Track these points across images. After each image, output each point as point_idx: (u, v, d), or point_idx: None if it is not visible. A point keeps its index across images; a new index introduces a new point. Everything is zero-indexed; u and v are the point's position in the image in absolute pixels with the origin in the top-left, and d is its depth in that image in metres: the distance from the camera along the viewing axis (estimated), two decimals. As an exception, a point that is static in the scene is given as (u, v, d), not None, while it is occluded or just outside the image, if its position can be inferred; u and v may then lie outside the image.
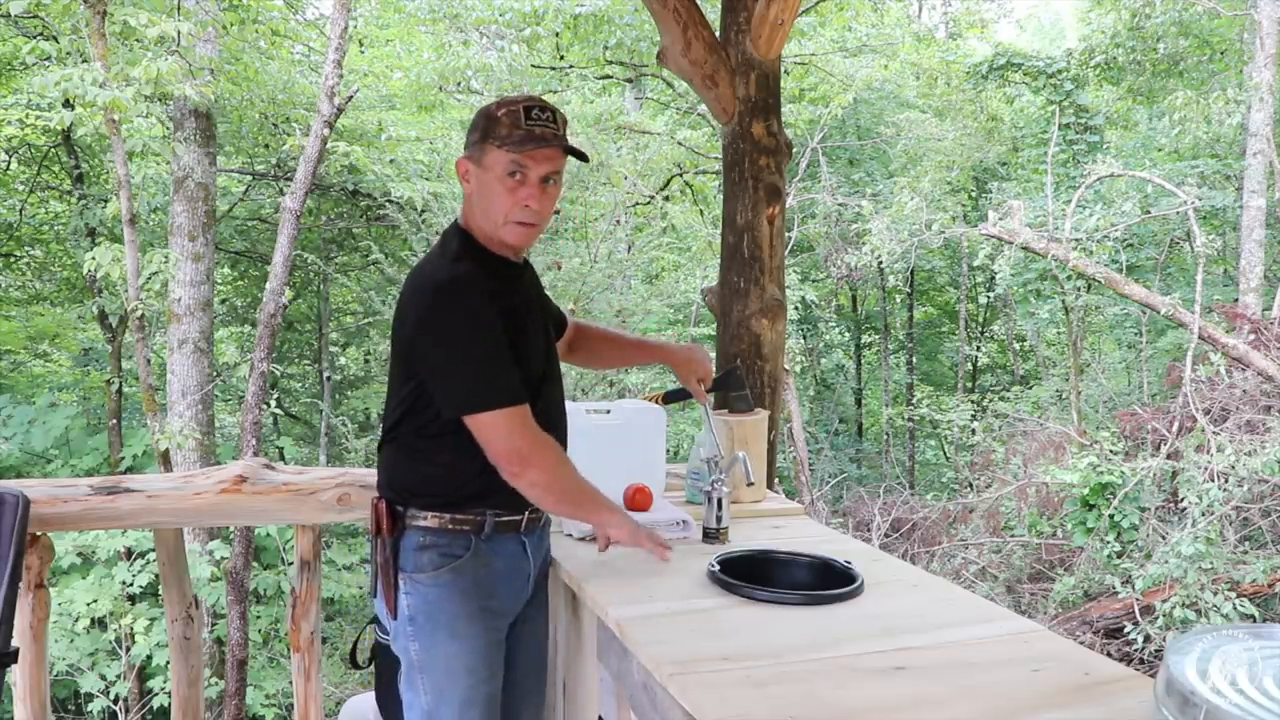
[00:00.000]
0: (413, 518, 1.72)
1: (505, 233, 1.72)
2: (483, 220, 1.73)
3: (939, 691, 1.30)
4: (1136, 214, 9.09)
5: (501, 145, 1.67)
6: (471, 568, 1.73)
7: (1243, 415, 7.08)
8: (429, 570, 1.71)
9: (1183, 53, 11.20)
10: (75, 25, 6.86)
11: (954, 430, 12.50)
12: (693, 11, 2.84)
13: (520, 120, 1.66)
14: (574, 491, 1.72)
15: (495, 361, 1.65)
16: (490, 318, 1.65)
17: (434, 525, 1.71)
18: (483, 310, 1.65)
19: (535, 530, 1.86)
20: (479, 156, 1.70)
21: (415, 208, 8.08)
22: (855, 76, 11.56)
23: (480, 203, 1.72)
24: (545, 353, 1.85)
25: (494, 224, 1.71)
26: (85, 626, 6.59)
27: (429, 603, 1.72)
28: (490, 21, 10.26)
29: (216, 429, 8.61)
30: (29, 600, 2.11)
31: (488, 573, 1.75)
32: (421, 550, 1.72)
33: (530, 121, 1.67)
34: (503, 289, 1.73)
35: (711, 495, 2.04)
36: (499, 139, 1.67)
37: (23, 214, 9.55)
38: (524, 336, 1.74)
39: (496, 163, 1.68)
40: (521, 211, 1.70)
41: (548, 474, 1.68)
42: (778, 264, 3.00)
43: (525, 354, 1.73)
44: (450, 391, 1.66)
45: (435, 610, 1.72)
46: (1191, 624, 5.77)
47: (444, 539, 1.72)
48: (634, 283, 9.71)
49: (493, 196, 1.69)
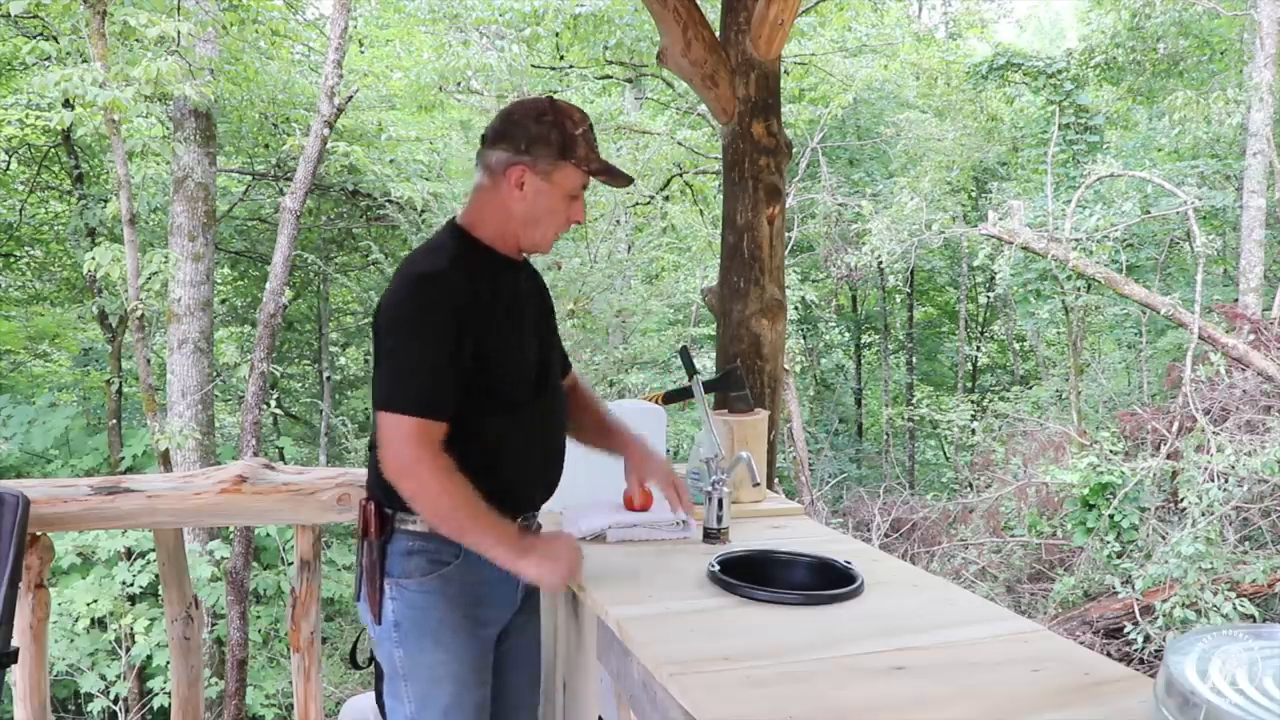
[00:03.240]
0: (401, 521, 1.68)
1: (546, 243, 1.75)
2: (523, 227, 1.71)
3: (939, 691, 1.30)
4: (1136, 214, 9.09)
5: (585, 169, 1.69)
6: (460, 575, 1.69)
7: (1243, 415, 7.08)
8: (416, 576, 1.67)
9: (1183, 53, 11.20)
10: (75, 25, 6.86)
11: (954, 430, 12.50)
12: (693, 11, 2.83)
13: (594, 143, 1.71)
14: (453, 520, 1.61)
15: (426, 368, 1.60)
16: (442, 323, 1.60)
17: (423, 530, 1.67)
18: (437, 314, 1.61)
19: None
20: (549, 171, 1.67)
21: (415, 208, 8.09)
22: (855, 76, 11.57)
23: (529, 212, 1.69)
24: (540, 354, 1.79)
25: (542, 235, 1.73)
26: (85, 626, 6.59)
27: (415, 609, 1.67)
28: (490, 21, 10.26)
29: (216, 429, 8.61)
30: (29, 600, 2.11)
31: (477, 580, 1.70)
32: (409, 555, 1.68)
33: (596, 144, 1.73)
34: (490, 290, 1.68)
35: (712, 495, 2.04)
36: (581, 161, 1.68)
37: (23, 214, 9.55)
38: (506, 337, 1.69)
39: (570, 181, 1.69)
40: (568, 226, 1.75)
41: (424, 493, 1.59)
42: (778, 264, 3.00)
43: (503, 356, 1.68)
44: (376, 382, 1.65)
45: (421, 617, 1.68)
46: (1191, 624, 5.77)
47: (433, 544, 1.67)
48: (634, 283, 9.71)
49: (552, 211, 1.70)
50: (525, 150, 1.67)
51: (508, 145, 1.68)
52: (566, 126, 1.68)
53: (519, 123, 1.69)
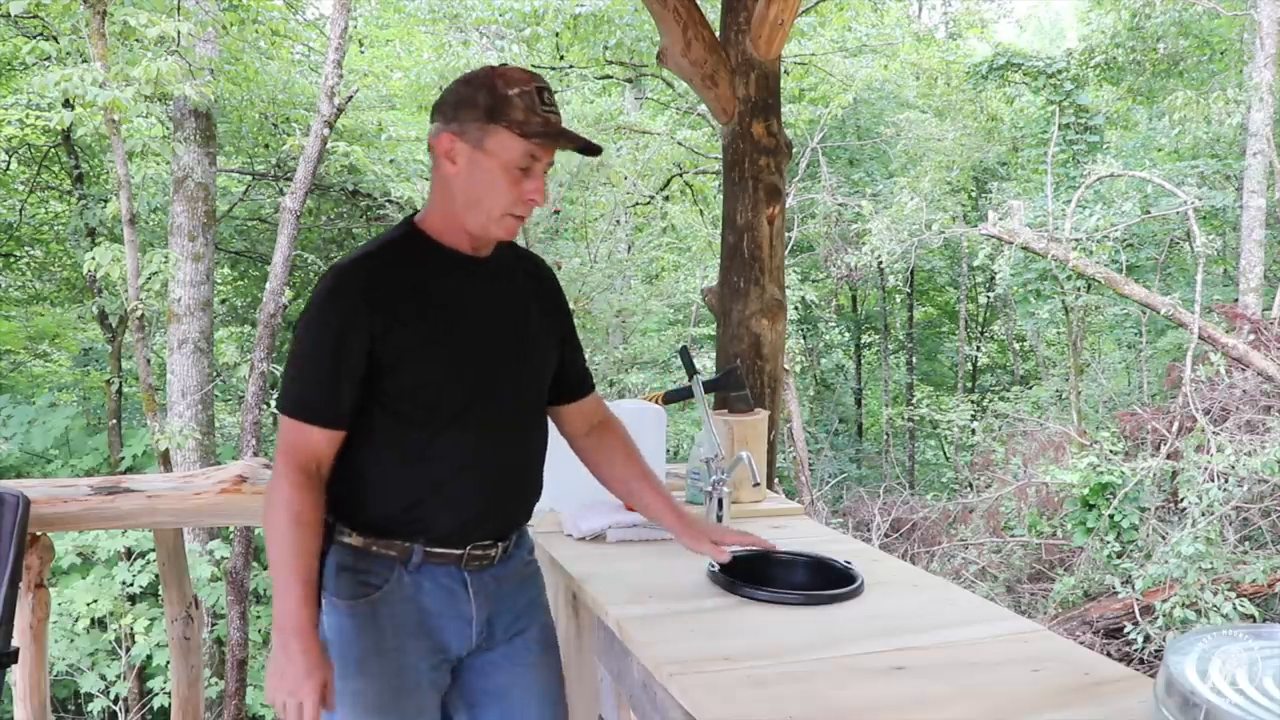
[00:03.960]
0: (340, 533, 1.53)
1: (497, 227, 1.51)
2: (465, 209, 1.50)
3: (939, 691, 1.30)
4: (1136, 214, 9.10)
5: (518, 132, 1.44)
6: (392, 600, 1.52)
7: (1243, 415, 7.08)
8: (346, 597, 1.52)
9: (1183, 53, 11.21)
10: (75, 25, 6.86)
11: (954, 430, 12.51)
12: (693, 11, 2.83)
13: (536, 105, 1.46)
14: (269, 550, 1.46)
15: (310, 367, 1.47)
16: (341, 317, 1.45)
17: (358, 545, 1.52)
18: (338, 307, 1.46)
19: (486, 569, 1.58)
20: (479, 138, 1.45)
21: (415, 208, 8.07)
22: (855, 76, 11.57)
23: (468, 188, 1.48)
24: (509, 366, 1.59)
25: (487, 217, 1.49)
26: (85, 626, 6.59)
27: (343, 631, 1.51)
28: (490, 21, 10.26)
29: (216, 429, 8.61)
30: (29, 600, 2.11)
31: (413, 607, 1.53)
32: (340, 572, 1.52)
33: (545, 108, 1.47)
34: (425, 285, 1.52)
35: (712, 495, 2.04)
36: (513, 123, 1.44)
37: (23, 214, 9.55)
38: (433, 340, 1.50)
39: (506, 149, 1.45)
40: (523, 205, 1.50)
41: (266, 508, 1.47)
42: (778, 264, 3.00)
43: (423, 363, 1.49)
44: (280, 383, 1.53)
45: (347, 641, 1.51)
46: (1191, 624, 5.77)
47: (364, 563, 1.52)
48: (634, 283, 9.72)
49: (491, 185, 1.47)
50: (452, 118, 1.48)
51: (438, 115, 1.50)
52: (497, 86, 1.45)
53: (450, 90, 1.51)
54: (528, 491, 1.66)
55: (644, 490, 1.78)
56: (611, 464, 1.80)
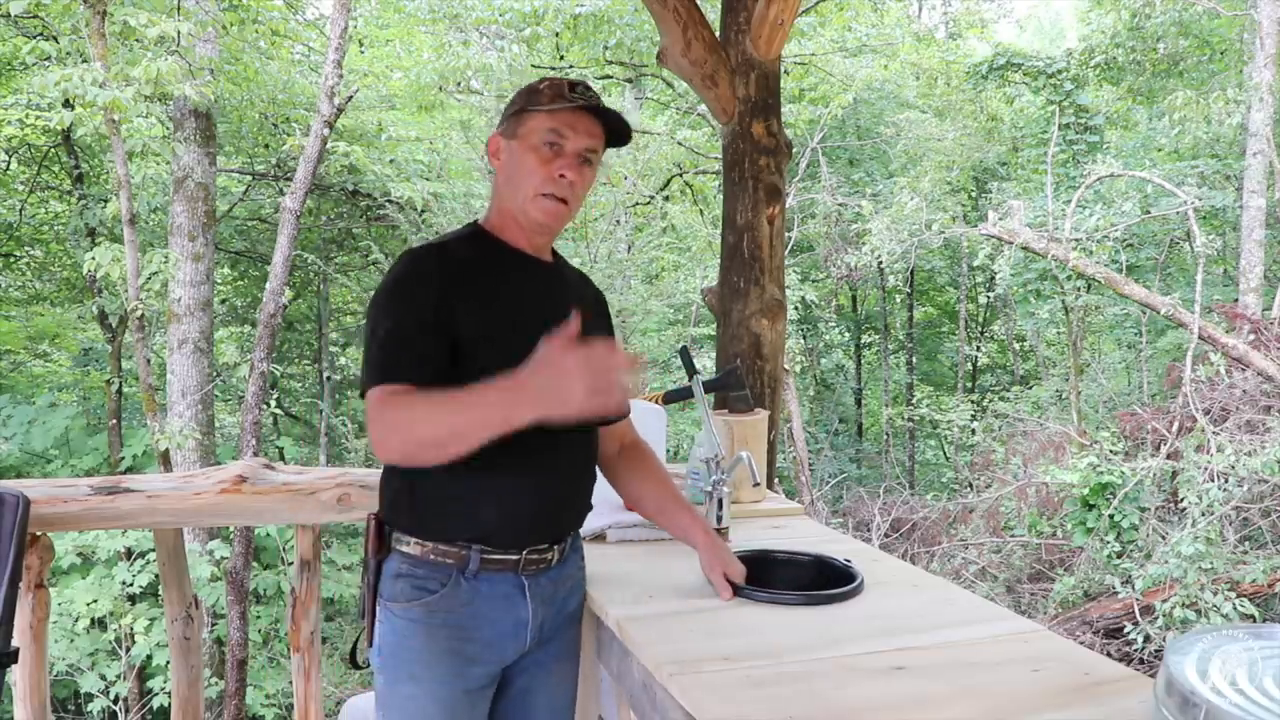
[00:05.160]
0: (398, 541, 1.56)
1: (533, 207, 1.54)
2: (509, 199, 1.57)
3: (939, 691, 1.30)
4: (1136, 214, 9.10)
5: (542, 109, 1.53)
6: (447, 605, 1.53)
7: (1243, 415, 7.08)
8: (401, 601, 1.54)
9: (1183, 53, 11.21)
10: (75, 25, 6.86)
11: (954, 430, 12.51)
12: (693, 11, 2.83)
13: (564, 90, 1.54)
14: (433, 428, 1.35)
15: (395, 338, 1.44)
16: (421, 289, 1.46)
17: (416, 553, 1.54)
18: (416, 281, 1.47)
19: (543, 572, 1.61)
20: (514, 128, 1.56)
21: (415, 208, 8.09)
22: (855, 76, 11.57)
23: (508, 175, 1.56)
24: None
25: (523, 198, 1.54)
26: (85, 626, 6.59)
27: (397, 635, 1.55)
28: (490, 21, 10.26)
29: (216, 429, 8.61)
30: (29, 600, 2.10)
31: (468, 613, 1.55)
32: (397, 578, 1.55)
33: (574, 93, 1.54)
34: (492, 278, 1.53)
35: (712, 495, 2.04)
36: (538, 105, 1.53)
37: (23, 214, 9.56)
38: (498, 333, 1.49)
39: (533, 130, 1.53)
40: (555, 184, 1.53)
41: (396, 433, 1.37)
42: (778, 264, 3.00)
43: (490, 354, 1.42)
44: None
45: (400, 646, 1.55)
46: (1191, 624, 5.77)
47: (421, 569, 1.53)
48: (634, 283, 9.72)
49: (524, 167, 1.53)
50: (500, 123, 1.61)
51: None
52: (534, 84, 1.57)
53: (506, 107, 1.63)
54: (582, 496, 1.68)
55: (679, 512, 1.78)
56: (644, 483, 1.81)
